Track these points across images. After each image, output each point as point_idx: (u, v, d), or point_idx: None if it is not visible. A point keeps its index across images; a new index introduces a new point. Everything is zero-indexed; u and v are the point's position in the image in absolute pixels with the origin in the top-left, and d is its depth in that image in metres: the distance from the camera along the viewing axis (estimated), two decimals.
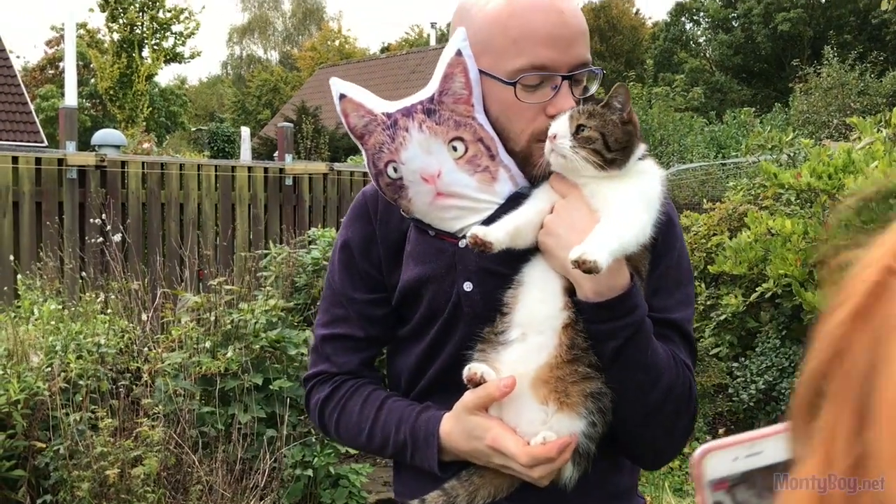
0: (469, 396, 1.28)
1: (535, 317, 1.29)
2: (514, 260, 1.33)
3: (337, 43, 44.93)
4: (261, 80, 41.61)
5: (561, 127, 1.27)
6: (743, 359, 4.33)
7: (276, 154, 11.74)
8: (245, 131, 13.23)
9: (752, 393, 4.08)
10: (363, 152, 1.38)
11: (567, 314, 1.28)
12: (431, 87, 1.34)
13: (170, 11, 23.69)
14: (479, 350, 1.32)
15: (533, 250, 1.33)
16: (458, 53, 1.32)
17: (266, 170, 7.50)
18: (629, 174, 1.29)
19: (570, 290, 1.30)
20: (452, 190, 1.32)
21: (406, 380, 1.47)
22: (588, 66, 1.34)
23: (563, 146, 1.26)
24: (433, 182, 1.32)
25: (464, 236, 1.34)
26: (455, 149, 1.32)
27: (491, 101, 1.34)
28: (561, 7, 1.31)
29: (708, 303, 4.66)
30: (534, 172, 1.34)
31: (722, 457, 0.73)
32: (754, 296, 4.15)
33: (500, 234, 1.27)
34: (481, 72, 1.33)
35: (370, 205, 1.47)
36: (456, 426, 1.31)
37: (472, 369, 1.28)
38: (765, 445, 0.79)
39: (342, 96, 1.36)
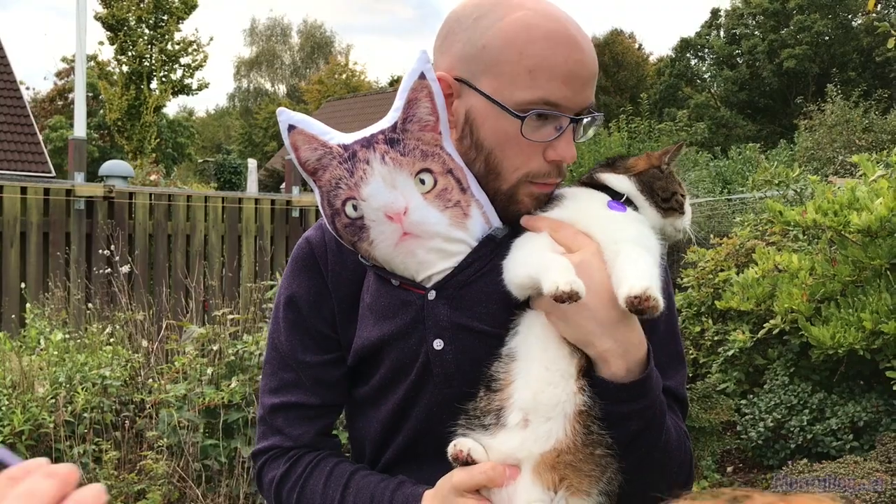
0: (461, 476, 1.10)
1: (543, 402, 1.11)
2: (493, 315, 1.18)
3: (344, 76, 45.31)
4: (268, 113, 41.92)
5: None
6: (751, 396, 4.29)
7: (282, 186, 11.79)
8: (252, 163, 13.29)
9: (761, 431, 4.04)
10: (315, 190, 1.21)
11: (583, 399, 1.11)
12: (393, 116, 1.18)
13: (178, 44, 23.92)
14: (461, 425, 1.15)
15: (517, 306, 1.17)
16: (422, 77, 1.16)
17: (273, 202, 7.53)
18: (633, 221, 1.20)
19: (583, 368, 1.13)
20: (421, 229, 1.16)
21: (371, 450, 1.30)
22: (592, 108, 1.22)
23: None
24: (399, 220, 1.15)
25: (433, 287, 1.20)
26: (423, 182, 1.16)
27: (486, 131, 1.18)
28: (581, 45, 1.18)
29: (715, 338, 4.64)
30: (516, 211, 1.21)
31: None
32: (762, 332, 4.12)
33: (581, 281, 1.06)
34: (483, 95, 1.17)
35: (318, 253, 1.29)
36: None
37: (457, 446, 1.12)
38: None
39: (291, 128, 1.19)
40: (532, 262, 1.13)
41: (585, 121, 1.22)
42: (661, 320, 1.19)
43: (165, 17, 23.13)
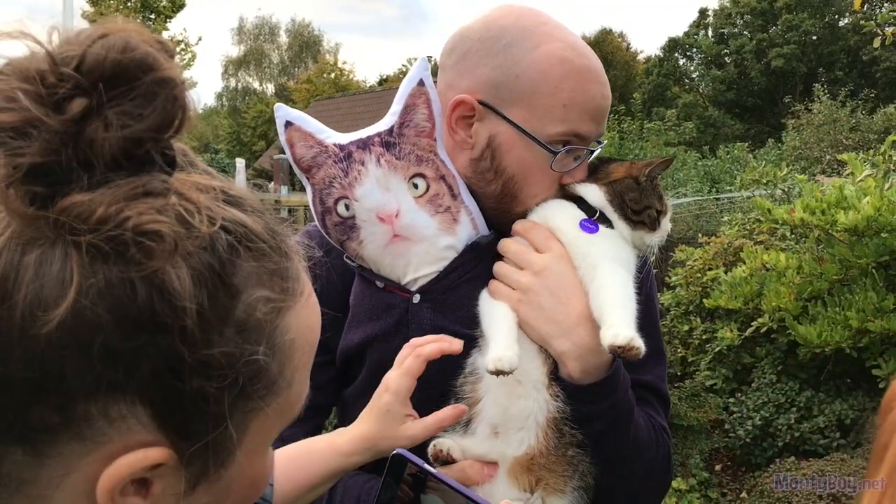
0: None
1: (513, 415, 1.14)
2: (474, 319, 1.20)
3: (332, 75, 45.22)
4: (256, 112, 41.80)
5: None
6: (739, 394, 4.31)
7: (271, 185, 11.77)
8: (240, 163, 13.25)
9: (749, 429, 4.06)
10: (308, 188, 1.22)
11: (556, 405, 1.14)
12: (390, 120, 1.19)
13: None
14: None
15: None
16: (421, 83, 1.18)
17: (261, 201, 7.52)
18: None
19: (552, 373, 1.15)
20: (411, 232, 1.18)
21: None
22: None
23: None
24: (390, 222, 1.17)
25: (418, 290, 1.21)
26: (416, 186, 1.18)
27: (511, 159, 1.20)
28: (604, 80, 1.23)
29: (703, 337, 4.65)
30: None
31: None
32: (750, 330, 4.14)
33: (512, 353, 1.11)
34: (514, 125, 1.19)
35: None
36: None
37: (437, 445, 1.15)
38: None
39: (288, 124, 1.21)
40: (486, 325, 1.18)
41: (598, 150, 1.26)
42: (640, 317, 1.19)
43: (153, 17, 23.03)
